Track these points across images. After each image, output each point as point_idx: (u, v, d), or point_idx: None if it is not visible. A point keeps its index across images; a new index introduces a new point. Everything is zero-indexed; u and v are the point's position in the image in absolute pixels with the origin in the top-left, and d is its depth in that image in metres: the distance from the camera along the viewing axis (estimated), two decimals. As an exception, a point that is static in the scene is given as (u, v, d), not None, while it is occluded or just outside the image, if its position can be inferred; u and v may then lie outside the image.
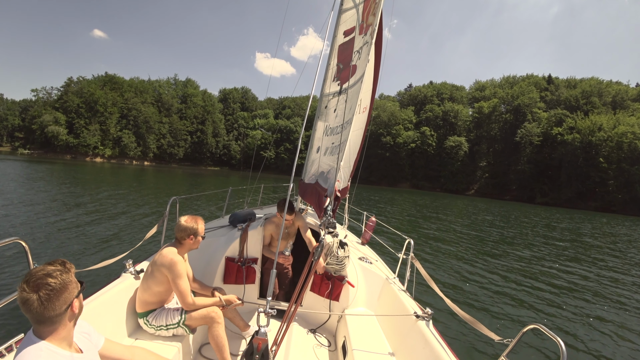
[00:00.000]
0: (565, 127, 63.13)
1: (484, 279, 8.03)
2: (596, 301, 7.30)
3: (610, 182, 55.11)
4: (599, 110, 64.28)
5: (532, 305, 6.60)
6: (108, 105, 74.34)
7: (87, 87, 73.83)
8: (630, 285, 8.94)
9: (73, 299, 1.19)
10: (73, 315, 1.22)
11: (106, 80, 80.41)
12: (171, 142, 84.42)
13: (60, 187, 17.04)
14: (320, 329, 3.23)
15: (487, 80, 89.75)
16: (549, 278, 8.80)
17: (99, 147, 73.10)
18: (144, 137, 78.63)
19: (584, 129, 59.63)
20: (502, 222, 21.70)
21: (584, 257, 12.07)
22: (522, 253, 11.76)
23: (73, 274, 1.22)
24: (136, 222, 10.21)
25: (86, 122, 71.88)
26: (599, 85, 69.74)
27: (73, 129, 70.40)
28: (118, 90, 79.20)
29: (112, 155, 75.13)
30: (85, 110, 71.97)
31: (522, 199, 64.92)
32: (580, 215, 37.14)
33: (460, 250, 11.21)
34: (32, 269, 1.15)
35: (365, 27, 2.71)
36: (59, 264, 1.18)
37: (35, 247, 6.63)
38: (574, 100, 68.21)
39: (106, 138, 74.29)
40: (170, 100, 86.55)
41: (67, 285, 1.16)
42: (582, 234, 19.08)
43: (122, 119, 77.17)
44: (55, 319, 1.14)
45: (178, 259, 2.25)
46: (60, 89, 75.55)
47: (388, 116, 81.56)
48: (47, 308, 1.10)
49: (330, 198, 2.30)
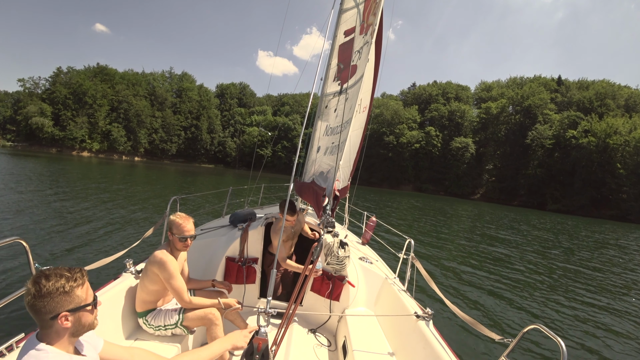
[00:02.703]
0: (579, 129, 62.19)
1: (484, 279, 8.26)
2: (596, 301, 7.55)
3: (625, 189, 54.14)
4: (614, 113, 63.47)
5: (533, 305, 6.82)
6: (97, 97, 74.14)
7: (76, 78, 73.66)
8: (631, 285, 9.21)
9: (62, 311, 1.15)
10: (65, 329, 1.18)
11: (97, 72, 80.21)
12: (163, 138, 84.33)
13: (27, 184, 17.04)
14: (320, 329, 3.34)
15: (494, 81, 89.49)
16: (549, 278, 9.07)
17: (87, 141, 72.90)
18: (135, 131, 78.49)
19: (600, 132, 58.58)
20: (516, 229, 21.85)
21: (585, 259, 12.30)
22: (522, 254, 11.97)
23: (81, 287, 1.21)
24: (131, 221, 10.34)
25: (73, 114, 71.62)
26: (611, 88, 69.15)
27: (59, 121, 70.09)
28: (109, 82, 79.00)
29: (100, 150, 74.94)
30: (72, 102, 71.71)
31: (532, 205, 64.02)
32: (592, 223, 37.35)
33: (460, 251, 11.45)
34: (46, 268, 1.18)
35: (365, 27, 2.83)
36: (67, 271, 1.18)
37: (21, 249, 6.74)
38: (587, 102, 67.42)
39: (94, 131, 74.07)
40: (164, 94, 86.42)
41: (53, 294, 1.12)
42: (591, 240, 19.28)
43: (112, 112, 77.02)
44: (44, 323, 1.14)
45: (168, 258, 2.29)
46: (49, 79, 75.56)
47: (391, 114, 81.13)
48: (34, 306, 1.11)
49: (329, 197, 2.38)
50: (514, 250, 12.97)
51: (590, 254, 14.43)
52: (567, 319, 6.33)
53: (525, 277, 9.00)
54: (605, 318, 6.58)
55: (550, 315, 6.42)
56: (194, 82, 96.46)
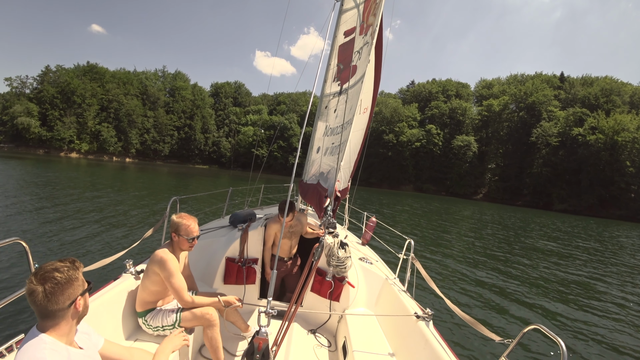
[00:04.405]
0: (586, 126, 61.81)
1: (484, 280, 8.42)
2: (596, 301, 7.71)
3: (634, 188, 54.04)
4: (621, 110, 63.18)
5: (533, 305, 6.98)
6: (86, 97, 73.75)
7: (64, 76, 73.22)
8: (632, 286, 9.39)
9: (77, 296, 1.31)
10: (77, 313, 1.34)
11: (87, 70, 79.76)
12: (156, 138, 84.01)
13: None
14: (320, 329, 3.45)
15: (494, 78, 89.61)
16: (549, 279, 9.24)
17: (75, 142, 72.45)
18: (126, 131, 78.17)
19: (608, 129, 57.97)
20: (523, 229, 22.01)
21: (586, 260, 12.46)
22: (523, 255, 12.10)
23: (81, 272, 1.36)
24: (127, 222, 10.39)
25: (61, 113, 71.12)
26: (616, 84, 69.08)
27: (46, 121, 69.58)
28: (99, 80, 78.57)
29: (90, 151, 74.57)
30: (60, 101, 71.27)
31: (537, 205, 63.75)
32: (604, 223, 37.59)
33: (460, 251, 11.60)
34: (43, 264, 1.28)
35: (365, 28, 2.90)
36: (69, 262, 1.31)
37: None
38: (593, 98, 67.09)
39: (83, 132, 73.64)
40: (157, 93, 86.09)
41: (73, 281, 1.28)
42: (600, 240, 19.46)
43: (101, 112, 76.65)
44: (58, 313, 1.25)
45: (168, 257, 2.35)
46: (37, 78, 75.04)
47: (390, 112, 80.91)
48: (51, 301, 1.22)
49: (330, 198, 2.47)
50: (514, 251, 13.13)
51: (593, 254, 14.59)
52: (567, 319, 6.47)
53: (525, 278, 9.17)
54: (606, 318, 6.74)
55: (550, 315, 6.57)
56: (187, 81, 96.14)
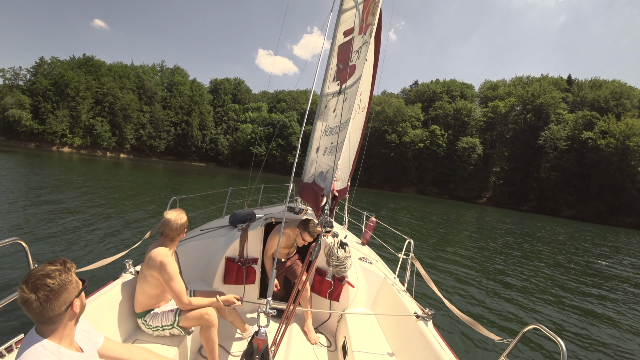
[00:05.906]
0: (596, 130, 61.50)
1: (484, 280, 8.58)
2: (597, 301, 7.87)
3: None
4: (632, 114, 63.06)
5: (533, 305, 7.12)
6: (80, 89, 73.64)
7: (58, 69, 73.12)
8: (632, 286, 9.58)
9: (73, 298, 1.30)
10: (74, 314, 1.34)
11: (82, 62, 79.56)
12: (151, 134, 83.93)
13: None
14: (320, 329, 3.54)
15: (499, 80, 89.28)
16: (549, 279, 9.43)
17: (68, 135, 72.30)
18: (121, 126, 78.12)
19: (619, 134, 57.85)
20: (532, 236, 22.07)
21: (586, 260, 12.66)
22: (523, 255, 12.29)
23: (74, 273, 1.34)
24: (125, 221, 10.46)
25: (53, 106, 70.97)
26: (625, 88, 68.83)
27: (38, 114, 69.47)
28: (94, 73, 78.43)
29: (83, 145, 74.53)
30: (53, 94, 71.11)
31: (544, 210, 63.32)
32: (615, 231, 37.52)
33: (460, 251, 11.77)
34: (32, 269, 1.26)
35: (364, 27, 2.98)
36: (60, 264, 1.29)
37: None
38: (602, 101, 66.84)
39: (76, 125, 73.45)
40: (154, 88, 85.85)
41: (66, 285, 1.26)
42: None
43: (95, 105, 76.52)
44: (55, 318, 1.26)
45: (168, 260, 2.39)
46: (31, 70, 74.95)
47: (394, 112, 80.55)
48: (47, 308, 1.21)
49: (327, 197, 2.52)
50: (514, 251, 13.28)
51: (592, 259, 14.70)
52: (567, 319, 6.60)
53: (525, 278, 9.31)
54: (606, 318, 6.88)
55: (550, 315, 6.70)
56: (186, 76, 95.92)
